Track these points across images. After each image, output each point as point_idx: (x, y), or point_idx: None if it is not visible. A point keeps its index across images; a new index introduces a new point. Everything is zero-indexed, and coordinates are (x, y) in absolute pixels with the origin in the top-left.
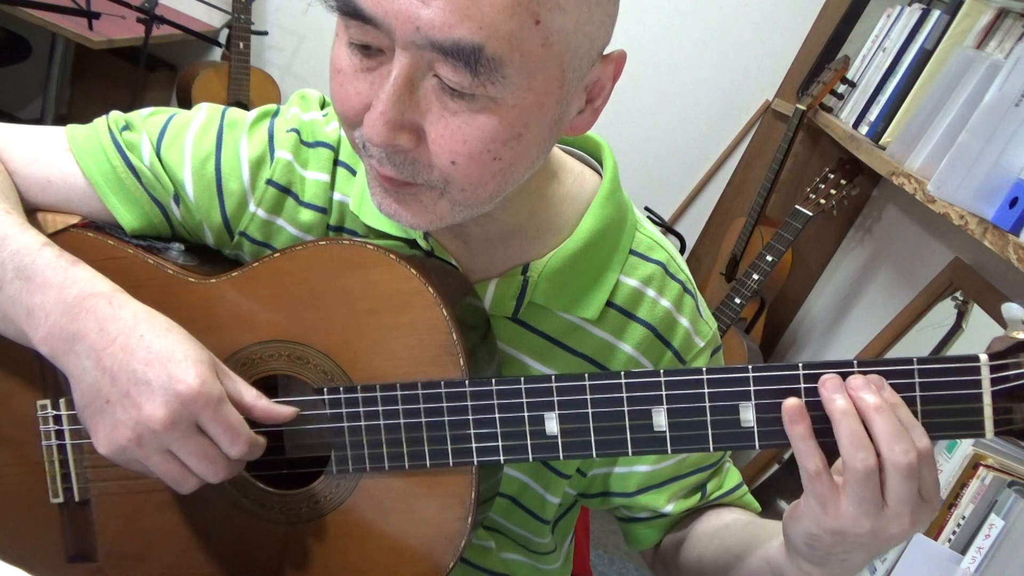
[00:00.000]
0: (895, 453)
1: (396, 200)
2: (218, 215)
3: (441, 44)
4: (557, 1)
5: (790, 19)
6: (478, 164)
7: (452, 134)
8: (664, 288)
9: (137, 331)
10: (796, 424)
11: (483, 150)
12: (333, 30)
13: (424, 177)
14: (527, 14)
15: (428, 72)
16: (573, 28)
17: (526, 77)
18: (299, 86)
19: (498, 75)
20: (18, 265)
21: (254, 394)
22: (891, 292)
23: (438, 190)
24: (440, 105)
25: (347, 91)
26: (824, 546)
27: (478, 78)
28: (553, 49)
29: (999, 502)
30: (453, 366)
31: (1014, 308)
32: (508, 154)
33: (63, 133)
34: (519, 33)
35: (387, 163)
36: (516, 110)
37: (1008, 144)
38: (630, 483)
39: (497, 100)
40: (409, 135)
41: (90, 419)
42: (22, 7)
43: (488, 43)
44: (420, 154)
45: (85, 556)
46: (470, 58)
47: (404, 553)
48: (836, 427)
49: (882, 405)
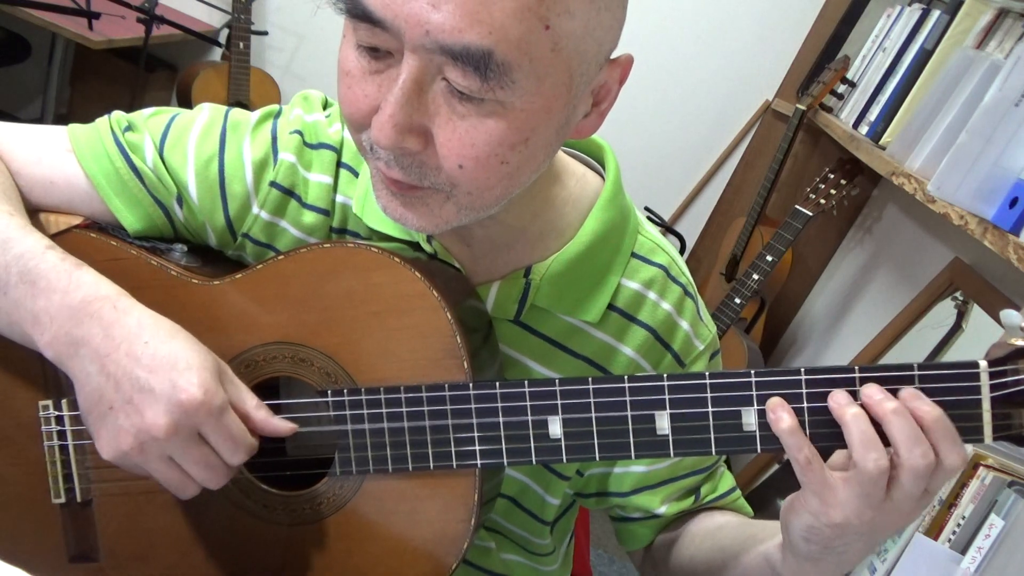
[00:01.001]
0: (915, 456)
1: (402, 203)
2: (221, 216)
3: (451, 48)
4: (567, 6)
5: (790, 19)
6: (485, 168)
7: (460, 138)
8: (665, 291)
9: (142, 337)
10: (782, 420)
11: (490, 154)
12: (334, 30)
13: (431, 180)
14: (537, 19)
15: (437, 75)
16: (582, 32)
17: (535, 82)
18: (299, 86)
19: (507, 80)
20: (22, 269)
21: (255, 403)
22: (891, 292)
23: (444, 193)
24: (448, 108)
25: (355, 93)
26: (823, 539)
27: (488, 83)
28: (562, 54)
29: (999, 502)
30: (457, 369)
31: (1013, 315)
32: (515, 158)
33: (65, 133)
34: (529, 38)
35: (395, 166)
36: (524, 114)
37: (1008, 144)
38: (625, 483)
39: (505, 104)
40: (417, 138)
41: (93, 424)
42: (22, 7)
43: (498, 48)
44: (428, 157)
45: (87, 556)
46: (480, 63)
47: (407, 554)
48: (846, 429)
49: (900, 408)
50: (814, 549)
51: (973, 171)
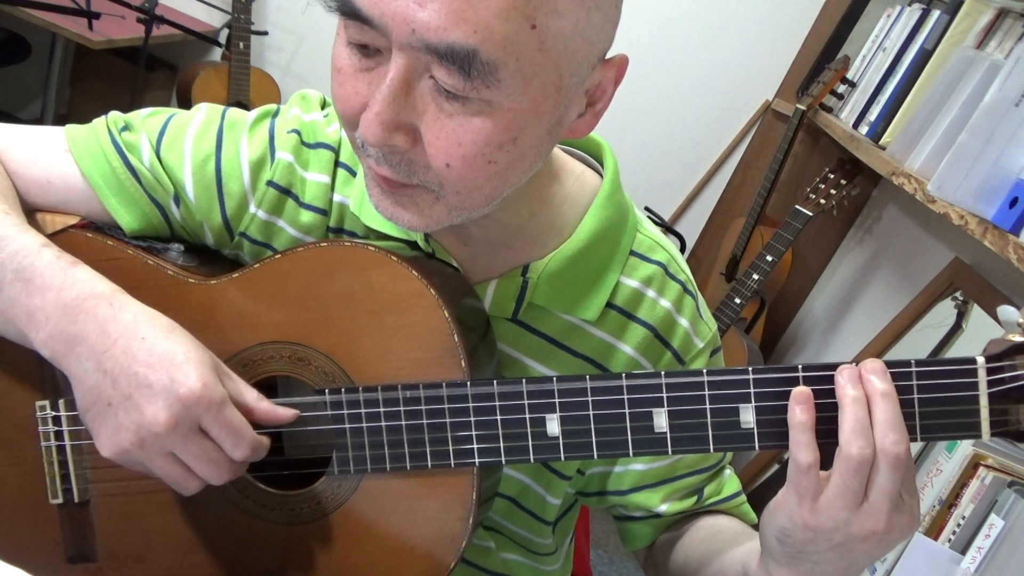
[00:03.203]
0: (888, 441)
1: (393, 201)
2: (218, 216)
3: (436, 47)
4: (554, 5)
5: (790, 19)
6: (472, 167)
7: (447, 136)
8: (664, 289)
9: (138, 333)
10: (801, 412)
11: (477, 153)
12: (333, 30)
13: (420, 178)
14: (523, 18)
15: (424, 73)
16: (571, 32)
17: (521, 81)
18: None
19: (493, 79)
20: (17, 266)
21: (255, 396)
22: (891, 292)
23: (434, 193)
24: (436, 107)
25: (346, 90)
26: (796, 542)
27: (472, 81)
28: (550, 54)
29: (999, 502)
30: (455, 367)
31: (1009, 311)
32: (503, 158)
33: (62, 134)
34: (514, 37)
35: (384, 163)
36: (511, 114)
37: (1008, 144)
38: (625, 481)
39: (492, 103)
40: (405, 136)
41: (92, 422)
42: (22, 7)
43: (483, 47)
44: (416, 155)
45: (85, 557)
46: (464, 61)
47: (405, 553)
48: (842, 412)
49: (889, 393)
50: (788, 552)
51: (973, 171)
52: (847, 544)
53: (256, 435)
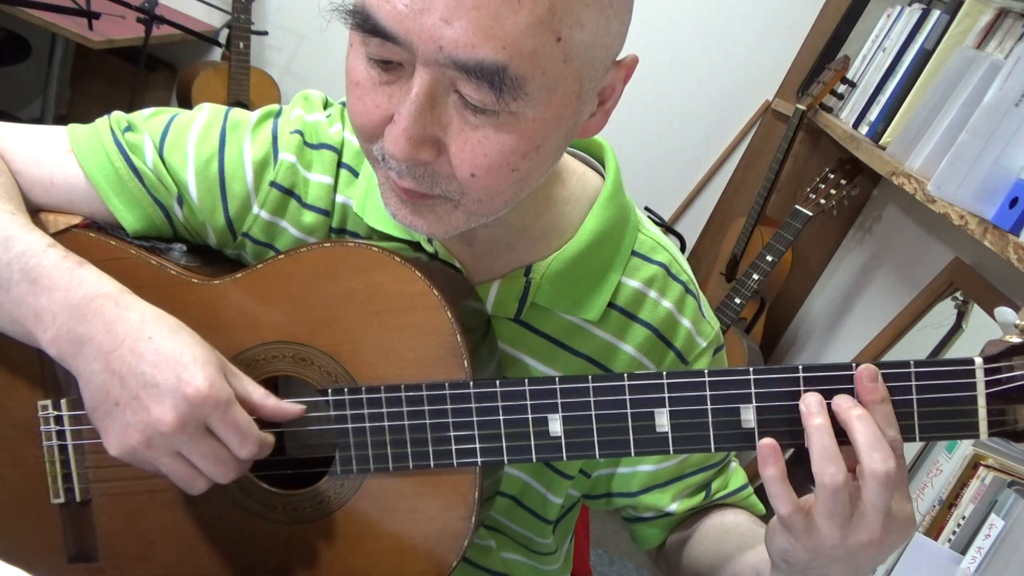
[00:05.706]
0: (874, 461)
1: (412, 211)
2: (221, 216)
3: (464, 64)
4: (578, 17)
5: (790, 19)
6: (496, 176)
7: (473, 148)
8: (666, 289)
9: (145, 333)
10: (768, 466)
11: (502, 163)
12: (333, 31)
13: (442, 188)
14: (549, 32)
15: (450, 88)
16: (591, 41)
17: (547, 92)
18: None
19: (521, 92)
20: (24, 266)
21: (262, 393)
22: (891, 292)
23: (453, 202)
24: (461, 119)
25: (365, 104)
26: (800, 561)
27: (502, 97)
28: (573, 64)
29: (999, 502)
30: (457, 367)
31: (1007, 312)
32: (526, 165)
33: (65, 134)
34: (541, 51)
35: (407, 176)
36: (536, 124)
37: (1008, 144)
38: (633, 483)
39: (518, 115)
40: (430, 149)
41: (100, 421)
42: (22, 7)
43: (511, 62)
44: (440, 166)
45: (86, 556)
46: (494, 78)
47: (408, 552)
48: (808, 441)
49: (863, 414)
50: (795, 568)
51: (973, 171)
52: (850, 555)
53: (261, 433)
